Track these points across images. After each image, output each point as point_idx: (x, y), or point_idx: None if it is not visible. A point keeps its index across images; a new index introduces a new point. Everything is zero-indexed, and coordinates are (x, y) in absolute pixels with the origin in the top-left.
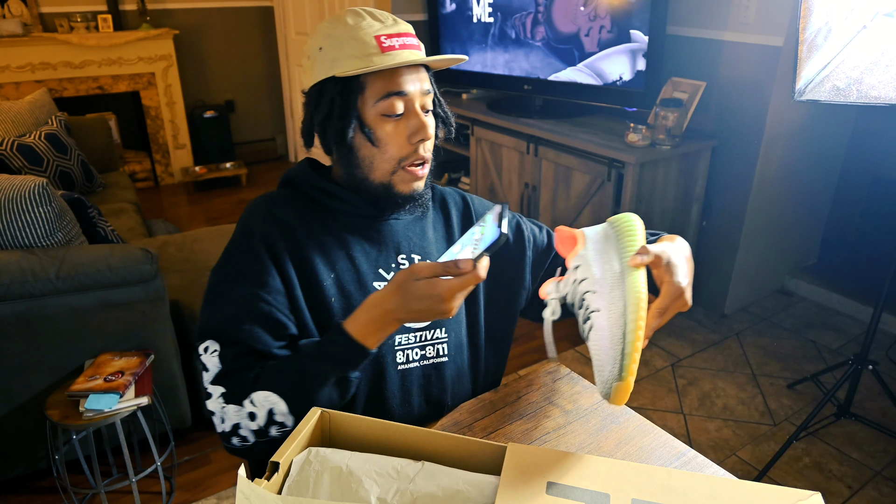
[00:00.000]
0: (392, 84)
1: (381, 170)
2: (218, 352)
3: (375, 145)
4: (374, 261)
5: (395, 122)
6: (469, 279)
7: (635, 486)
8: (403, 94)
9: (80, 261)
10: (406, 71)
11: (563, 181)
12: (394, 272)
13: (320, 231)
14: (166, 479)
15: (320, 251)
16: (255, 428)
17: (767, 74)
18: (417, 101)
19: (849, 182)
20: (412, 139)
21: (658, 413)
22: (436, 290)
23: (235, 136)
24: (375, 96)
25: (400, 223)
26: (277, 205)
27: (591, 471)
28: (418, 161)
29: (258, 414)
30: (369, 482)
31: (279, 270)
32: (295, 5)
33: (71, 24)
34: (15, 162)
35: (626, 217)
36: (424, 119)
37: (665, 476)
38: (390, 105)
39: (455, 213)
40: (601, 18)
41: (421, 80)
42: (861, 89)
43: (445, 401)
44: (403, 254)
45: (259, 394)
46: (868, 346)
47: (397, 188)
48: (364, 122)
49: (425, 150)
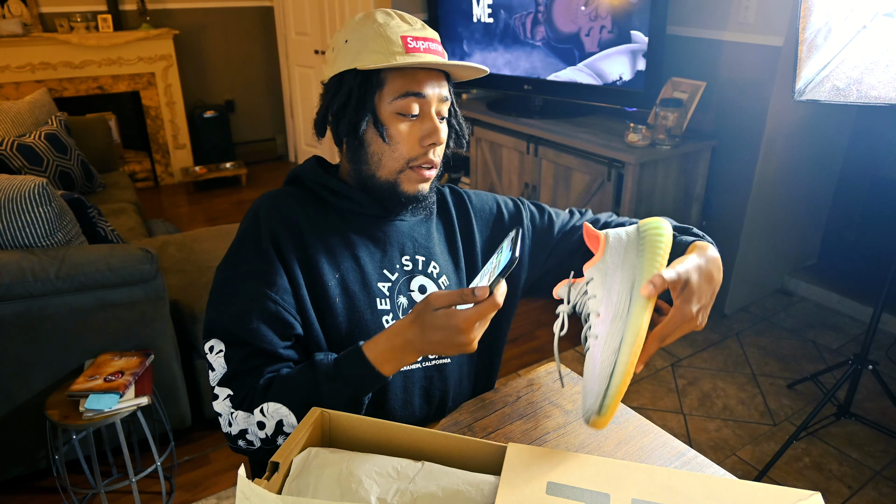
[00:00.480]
0: (411, 84)
1: (388, 168)
2: (224, 352)
3: (387, 142)
4: (379, 262)
5: (409, 123)
6: (486, 307)
7: (635, 486)
8: (421, 95)
9: (80, 261)
10: (426, 75)
11: (563, 181)
12: (398, 273)
13: (326, 230)
14: (166, 479)
15: (326, 251)
16: (262, 436)
17: (767, 74)
18: (434, 105)
19: (849, 182)
20: (424, 142)
21: (658, 413)
22: (453, 321)
23: (235, 136)
24: (393, 94)
25: (405, 224)
26: (284, 202)
27: (591, 471)
28: (427, 164)
29: (268, 424)
30: (369, 482)
31: (286, 269)
32: (295, 5)
33: (71, 24)
34: (15, 162)
35: (654, 225)
36: (438, 124)
37: (665, 476)
38: (407, 105)
39: (455, 212)
40: (601, 18)
41: (440, 86)
42: (861, 89)
43: (447, 402)
44: (408, 255)
45: (271, 405)
46: (868, 346)
47: (402, 187)
48: (379, 117)
49: (435, 154)
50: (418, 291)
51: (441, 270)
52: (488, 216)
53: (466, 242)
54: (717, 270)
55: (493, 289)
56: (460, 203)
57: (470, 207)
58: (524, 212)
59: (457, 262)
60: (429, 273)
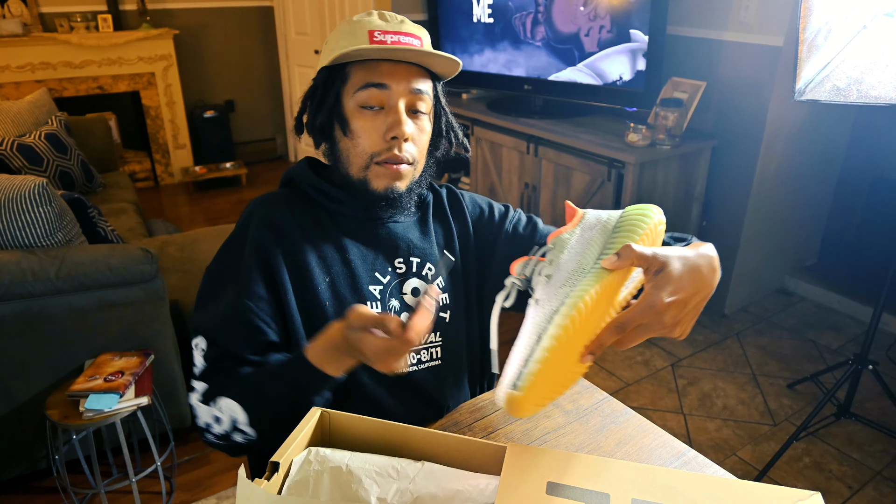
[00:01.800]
0: (372, 75)
1: (356, 164)
2: (204, 351)
3: (349, 137)
4: (371, 264)
5: (371, 116)
6: (396, 344)
7: (635, 486)
8: (383, 86)
9: (80, 261)
10: (392, 67)
11: (563, 181)
12: (390, 276)
13: (317, 234)
14: (166, 479)
15: (316, 254)
16: (219, 432)
17: (767, 74)
18: (402, 98)
19: (849, 182)
20: (386, 135)
21: (658, 413)
22: (363, 347)
23: (235, 136)
24: (355, 86)
25: (400, 226)
26: (276, 207)
27: (591, 471)
28: (392, 160)
29: (223, 419)
30: (369, 482)
31: (270, 276)
32: (295, 5)
33: (71, 24)
34: (15, 162)
35: (641, 209)
36: (402, 116)
37: (665, 476)
38: (368, 96)
39: (450, 212)
40: (601, 18)
41: (413, 80)
42: (861, 89)
43: (445, 403)
44: (401, 257)
45: (225, 401)
46: (868, 346)
47: (372, 185)
48: (343, 112)
49: (401, 149)
50: (411, 294)
51: (437, 272)
52: (478, 217)
53: (463, 243)
54: (708, 268)
55: (408, 326)
56: (455, 203)
57: (465, 207)
58: (509, 216)
59: (457, 262)
60: (423, 275)
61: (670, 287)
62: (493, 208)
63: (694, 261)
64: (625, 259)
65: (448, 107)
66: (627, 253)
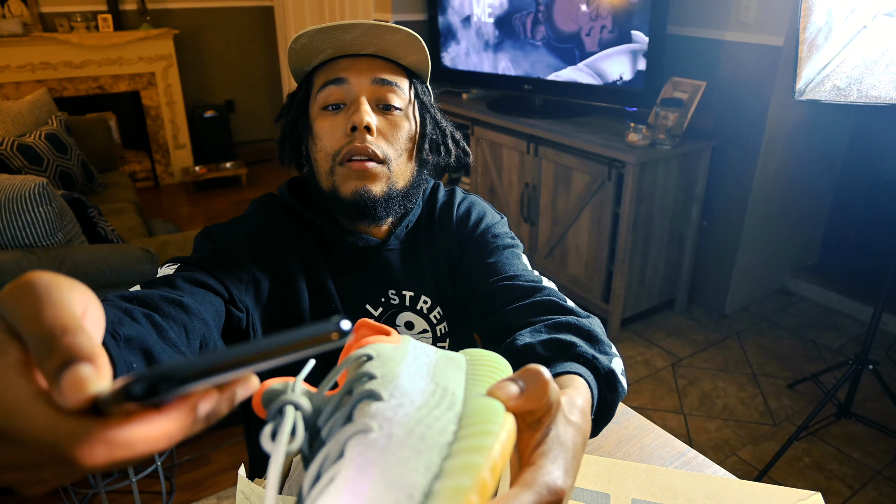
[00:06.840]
0: (330, 73)
1: (322, 172)
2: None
3: (314, 143)
4: (360, 295)
5: (332, 115)
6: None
7: (635, 486)
8: (341, 80)
9: (81, 261)
10: (351, 61)
11: (563, 181)
12: (382, 307)
13: (311, 261)
14: (166, 479)
15: (304, 277)
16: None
17: (768, 74)
18: (364, 91)
19: (849, 182)
20: (347, 129)
21: (658, 413)
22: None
23: (235, 135)
24: (316, 91)
25: (393, 254)
26: (275, 217)
27: (591, 471)
28: (354, 153)
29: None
30: None
31: (255, 276)
32: (295, 5)
33: (71, 24)
34: (15, 162)
35: (487, 354)
36: (362, 106)
37: (665, 476)
38: (327, 94)
39: (438, 231)
40: (602, 18)
41: (377, 71)
42: (861, 89)
43: None
44: (394, 289)
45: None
46: (868, 346)
47: (341, 190)
48: (309, 121)
49: (363, 140)
50: (404, 327)
51: (433, 304)
52: (468, 237)
53: (453, 268)
54: (584, 441)
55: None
56: (445, 214)
57: (453, 217)
58: (487, 238)
59: (450, 287)
60: (418, 309)
61: (569, 462)
62: (484, 228)
63: (581, 424)
64: (519, 388)
65: (436, 107)
66: (538, 382)
